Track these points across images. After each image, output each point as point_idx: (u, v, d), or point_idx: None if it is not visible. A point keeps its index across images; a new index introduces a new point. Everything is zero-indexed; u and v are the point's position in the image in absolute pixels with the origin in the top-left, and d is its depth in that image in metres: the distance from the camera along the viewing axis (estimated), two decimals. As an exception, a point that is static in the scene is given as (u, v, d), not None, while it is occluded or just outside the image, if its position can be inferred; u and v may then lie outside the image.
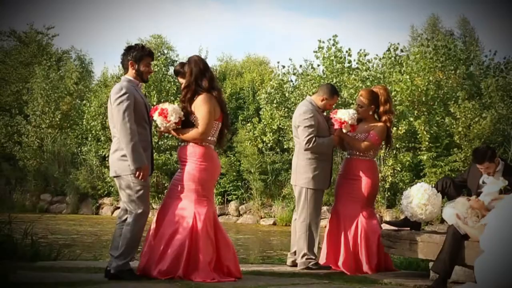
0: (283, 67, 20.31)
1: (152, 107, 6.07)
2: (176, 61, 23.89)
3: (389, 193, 16.74)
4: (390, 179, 16.63)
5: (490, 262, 5.50)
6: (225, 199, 19.39)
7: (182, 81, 6.08)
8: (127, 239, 5.73)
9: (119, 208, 6.04)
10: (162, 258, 5.76)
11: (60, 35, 33.48)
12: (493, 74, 19.10)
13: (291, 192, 15.20)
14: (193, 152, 5.94)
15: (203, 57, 7.52)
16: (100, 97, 21.75)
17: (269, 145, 19.24)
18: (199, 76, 5.94)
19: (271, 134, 19.14)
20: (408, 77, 17.19)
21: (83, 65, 28.01)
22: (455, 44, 20.59)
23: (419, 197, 6.52)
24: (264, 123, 19.36)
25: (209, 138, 5.97)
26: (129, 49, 5.97)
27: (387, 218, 15.84)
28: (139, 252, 6.13)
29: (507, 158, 15.19)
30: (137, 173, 5.70)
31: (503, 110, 16.75)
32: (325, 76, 18.89)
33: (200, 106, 5.89)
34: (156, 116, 5.91)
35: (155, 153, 18.61)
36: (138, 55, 5.92)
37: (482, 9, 53.82)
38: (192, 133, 5.92)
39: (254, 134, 19.53)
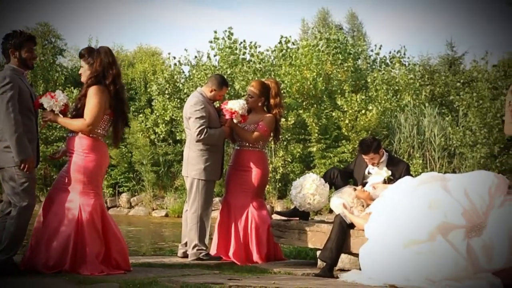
0: (174, 57, 20.25)
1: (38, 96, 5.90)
2: (64, 50, 23.22)
3: (280, 184, 17.03)
4: (281, 170, 16.92)
5: (374, 250, 5.72)
6: (117, 191, 19.07)
7: (84, 66, 5.92)
8: (11, 233, 5.52)
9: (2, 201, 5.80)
10: (47, 252, 5.60)
11: None
12: (379, 68, 19.81)
13: (184, 184, 15.17)
14: (80, 144, 5.79)
15: (93, 46, 7.32)
16: (-17, 86, 20.77)
17: (161, 136, 19.08)
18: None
19: (163, 125, 18.99)
20: (297, 69, 17.53)
21: (-36, 53, 26.62)
22: (346, 37, 21.21)
23: (307, 187, 6.67)
24: (157, 114, 19.18)
25: (98, 130, 5.84)
26: (7, 37, 5.74)
27: (278, 208, 16.09)
28: (24, 246, 5.93)
29: (392, 150, 15.81)
30: (22, 165, 5.50)
31: (387, 103, 17.40)
32: (219, 67, 18.95)
33: (90, 97, 5.75)
34: (42, 99, 5.74)
35: (43, 145, 18.02)
36: (18, 42, 5.69)
37: (369, 5, 55.64)
38: (78, 123, 5.77)
39: (146, 125, 19.31)
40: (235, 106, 6.91)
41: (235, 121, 6.95)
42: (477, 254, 5.27)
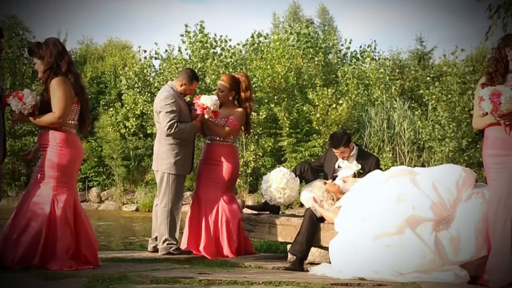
0: (145, 51, 20.13)
1: (5, 90, 5.82)
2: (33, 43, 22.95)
3: (251, 178, 17.04)
4: (252, 164, 16.93)
5: (343, 243, 5.76)
6: (86, 186, 18.93)
7: (37, 61, 5.85)
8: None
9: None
10: (16, 247, 5.54)
11: None
12: (350, 63, 19.91)
13: (154, 178, 15.14)
14: (53, 138, 5.72)
15: (62, 39, 7.25)
16: (-51, 79, 20.44)
17: (132, 130, 18.96)
18: (59, 58, 5.75)
19: (134, 119, 18.87)
20: (268, 63, 17.54)
21: None
22: (316, 32, 21.26)
23: (277, 181, 6.68)
24: (127, 108, 19.05)
25: (69, 121, 5.78)
26: None
27: (249, 202, 16.11)
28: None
29: (362, 144, 15.92)
30: (-13, 159, 5.43)
31: (358, 97, 17.50)
32: (190, 61, 18.88)
33: (54, 90, 5.69)
34: (10, 99, 5.67)
35: (11, 139, 17.78)
36: None
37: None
38: (48, 117, 5.71)
39: (116, 119, 19.17)
40: (207, 101, 6.89)
41: (206, 116, 6.93)
42: (444, 247, 5.34)
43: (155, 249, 7.06)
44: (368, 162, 6.67)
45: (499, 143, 5.29)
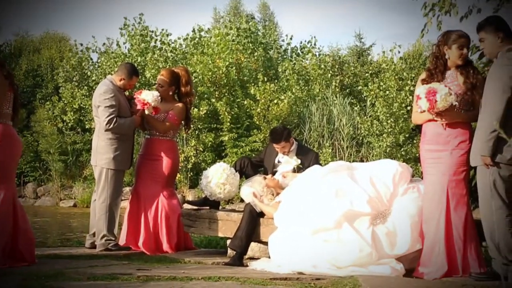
0: (81, 44, 19.78)
1: None
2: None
3: (191, 173, 16.96)
4: (193, 159, 16.85)
5: (283, 238, 5.80)
6: (22, 181, 18.49)
7: None
8: None
9: None
10: None
11: None
12: (290, 58, 20.02)
13: (93, 173, 14.91)
14: (-11, 132, 5.56)
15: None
16: None
17: (69, 124, 18.62)
18: None
19: (72, 113, 18.54)
20: (209, 58, 17.49)
21: None
22: (257, 27, 21.29)
23: (218, 177, 6.67)
24: (65, 102, 18.70)
25: (6, 110, 5.62)
26: None
27: (190, 198, 16.03)
28: None
29: (302, 139, 16.05)
30: None
31: (299, 92, 17.62)
32: (129, 55, 18.64)
33: None
34: None
35: None
36: None
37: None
38: None
39: (53, 113, 18.80)
40: (148, 97, 6.82)
41: (146, 112, 6.87)
42: (381, 241, 5.44)
43: (93, 246, 6.96)
44: (308, 157, 6.74)
45: (436, 139, 5.43)
